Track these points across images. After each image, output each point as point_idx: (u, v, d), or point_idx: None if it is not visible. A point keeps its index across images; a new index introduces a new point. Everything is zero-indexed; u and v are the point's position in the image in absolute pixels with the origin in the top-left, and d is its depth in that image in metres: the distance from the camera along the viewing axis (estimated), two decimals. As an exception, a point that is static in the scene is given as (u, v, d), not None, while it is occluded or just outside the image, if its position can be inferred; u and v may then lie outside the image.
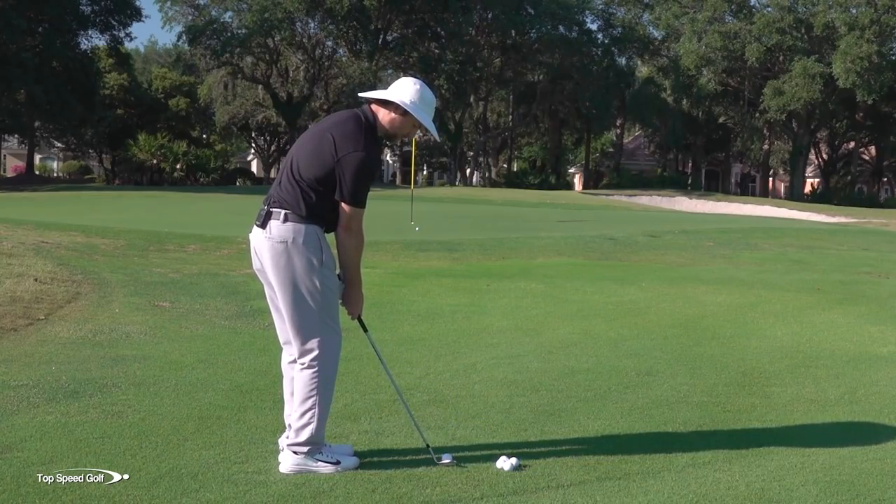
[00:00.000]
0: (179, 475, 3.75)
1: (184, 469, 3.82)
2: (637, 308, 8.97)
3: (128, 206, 25.65)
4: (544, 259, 13.20)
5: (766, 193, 66.70)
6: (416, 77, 4.28)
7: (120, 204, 27.46)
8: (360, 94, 4.28)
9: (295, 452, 3.92)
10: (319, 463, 3.92)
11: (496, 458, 4.04)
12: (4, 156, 75.25)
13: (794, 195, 59.40)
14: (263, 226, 3.92)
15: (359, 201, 3.89)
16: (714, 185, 69.69)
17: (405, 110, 3.99)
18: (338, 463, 3.94)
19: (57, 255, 10.61)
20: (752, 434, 4.69)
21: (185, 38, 55.09)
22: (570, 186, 66.66)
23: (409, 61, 57.69)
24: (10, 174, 64.96)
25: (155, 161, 53.26)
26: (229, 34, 54.53)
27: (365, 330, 4.21)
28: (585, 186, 62.67)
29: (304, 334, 3.93)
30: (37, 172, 61.31)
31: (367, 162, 3.86)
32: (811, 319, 8.52)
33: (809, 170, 67.57)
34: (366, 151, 3.87)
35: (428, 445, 4.12)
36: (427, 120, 4.04)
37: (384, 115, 4.02)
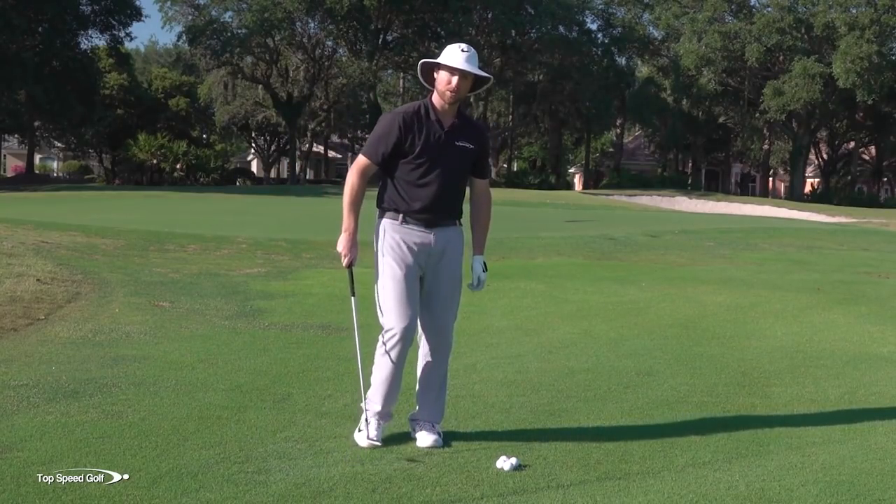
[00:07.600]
0: (179, 475, 3.74)
1: (184, 469, 3.82)
2: (637, 308, 8.97)
3: (128, 206, 25.62)
4: (544, 259, 13.19)
5: (766, 193, 66.64)
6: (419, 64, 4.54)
7: (120, 204, 27.43)
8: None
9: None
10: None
11: (496, 458, 4.03)
12: (4, 156, 75.23)
13: (794, 195, 59.35)
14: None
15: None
16: (714, 185, 69.62)
17: (433, 70, 4.29)
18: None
19: (57, 255, 10.61)
20: (752, 434, 4.69)
21: (185, 38, 54.98)
22: (570, 186, 66.65)
23: (408, 61, 57.59)
24: (10, 174, 64.90)
25: (155, 161, 53.16)
26: (229, 34, 54.43)
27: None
28: (585, 186, 62.65)
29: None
30: (37, 172, 61.21)
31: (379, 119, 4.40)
32: (811, 319, 8.52)
33: (809, 170, 67.52)
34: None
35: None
36: (445, 59, 4.24)
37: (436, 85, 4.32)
